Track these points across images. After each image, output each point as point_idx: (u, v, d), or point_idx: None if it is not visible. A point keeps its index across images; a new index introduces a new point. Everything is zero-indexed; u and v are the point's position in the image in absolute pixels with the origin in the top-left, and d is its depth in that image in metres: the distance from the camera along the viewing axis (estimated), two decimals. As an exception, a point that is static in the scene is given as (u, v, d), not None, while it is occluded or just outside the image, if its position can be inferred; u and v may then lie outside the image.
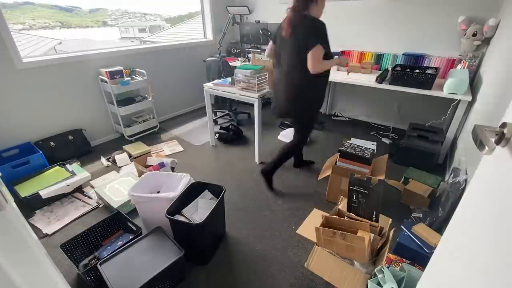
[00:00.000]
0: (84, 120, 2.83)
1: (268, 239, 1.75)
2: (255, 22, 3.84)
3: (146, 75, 2.98)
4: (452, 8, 2.53)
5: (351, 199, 1.50)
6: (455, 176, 1.68)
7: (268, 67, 2.38)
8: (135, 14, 12.76)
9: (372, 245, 1.32)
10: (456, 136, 2.42)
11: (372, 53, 3.11)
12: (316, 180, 2.24)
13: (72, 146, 2.66)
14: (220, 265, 1.58)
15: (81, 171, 2.29)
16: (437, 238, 1.48)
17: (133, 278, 1.26)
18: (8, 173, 2.08)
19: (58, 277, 0.86)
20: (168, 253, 1.41)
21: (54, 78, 2.52)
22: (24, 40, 5.35)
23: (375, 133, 3.20)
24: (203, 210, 1.59)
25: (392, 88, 2.53)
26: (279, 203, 2.07)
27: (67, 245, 1.47)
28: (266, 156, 2.70)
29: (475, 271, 0.53)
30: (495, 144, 0.49)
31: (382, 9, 2.93)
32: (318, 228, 1.35)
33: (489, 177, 0.58)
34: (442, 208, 1.67)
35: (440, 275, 0.72)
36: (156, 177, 1.82)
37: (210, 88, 2.60)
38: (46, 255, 0.81)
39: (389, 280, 1.13)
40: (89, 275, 1.35)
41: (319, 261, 1.35)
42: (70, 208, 2.03)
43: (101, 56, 2.81)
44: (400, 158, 2.50)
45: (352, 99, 3.55)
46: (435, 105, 2.88)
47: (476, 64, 2.46)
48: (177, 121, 3.66)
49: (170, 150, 2.88)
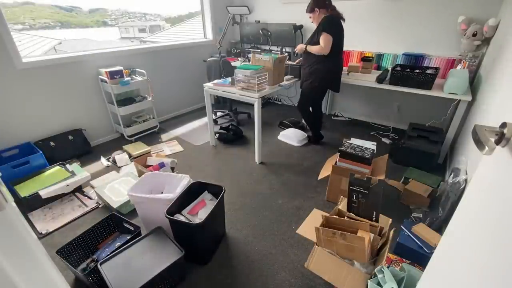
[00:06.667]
0: (84, 120, 2.83)
1: (268, 239, 1.75)
2: (255, 22, 3.84)
3: (146, 75, 2.98)
4: (452, 8, 2.54)
5: (351, 199, 1.50)
6: (455, 176, 1.68)
7: (268, 67, 2.38)
8: (135, 14, 12.74)
9: (372, 245, 1.32)
10: (456, 136, 2.42)
11: (372, 53, 3.11)
12: (316, 180, 2.24)
13: (72, 146, 2.66)
14: (220, 265, 1.58)
15: (81, 171, 2.29)
16: (437, 238, 1.48)
17: (133, 279, 1.26)
18: (8, 173, 2.08)
19: (58, 277, 0.86)
20: (168, 253, 1.41)
21: (54, 78, 2.52)
22: (24, 40, 5.34)
23: (375, 133, 3.20)
24: (203, 210, 1.59)
25: (392, 88, 2.53)
26: (279, 203, 2.07)
27: (63, 250, 1.45)
28: (266, 156, 2.70)
29: (475, 271, 0.53)
30: (495, 144, 0.49)
31: (382, 9, 2.94)
32: (318, 228, 1.35)
33: (489, 177, 0.58)
34: (442, 208, 1.67)
35: (440, 275, 0.72)
36: (156, 177, 1.82)
37: (210, 88, 2.60)
38: (46, 255, 0.81)
39: (389, 280, 1.13)
40: (90, 276, 1.35)
41: (319, 261, 1.35)
42: (69, 208, 2.03)
43: (101, 56, 2.81)
44: (400, 158, 2.50)
45: (352, 99, 3.55)
46: (435, 105, 2.88)
47: (476, 64, 2.46)
48: (177, 121, 3.66)
49: (170, 150, 2.88)
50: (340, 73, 2.59)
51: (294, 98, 4.11)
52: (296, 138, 2.93)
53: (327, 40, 2.30)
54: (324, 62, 2.44)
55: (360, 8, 3.07)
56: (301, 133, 3.00)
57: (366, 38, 3.14)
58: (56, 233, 1.82)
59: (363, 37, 3.16)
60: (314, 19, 2.42)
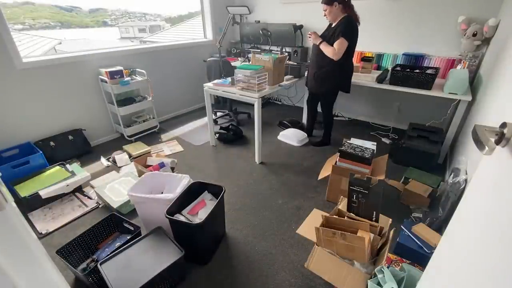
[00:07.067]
0: (84, 120, 2.83)
1: (268, 239, 1.75)
2: (255, 22, 3.84)
3: (146, 75, 2.98)
4: (452, 8, 2.54)
5: (351, 199, 1.50)
6: (455, 176, 1.68)
7: (268, 67, 2.38)
8: (135, 14, 12.75)
9: (372, 245, 1.32)
10: (456, 136, 2.42)
11: (372, 53, 3.11)
12: (316, 180, 2.24)
13: (72, 146, 2.66)
14: (220, 265, 1.58)
15: (81, 171, 2.29)
16: (437, 238, 1.48)
17: (133, 278, 1.26)
18: (8, 173, 2.08)
19: (58, 277, 0.86)
20: (168, 253, 1.41)
21: (54, 78, 2.52)
22: (24, 40, 5.34)
23: (375, 133, 3.20)
24: (202, 210, 1.59)
25: (392, 88, 2.53)
26: (279, 203, 2.07)
27: (63, 250, 1.45)
28: (266, 156, 2.70)
29: (475, 271, 0.53)
30: (495, 144, 0.49)
31: (382, 9, 2.94)
32: (318, 228, 1.35)
33: (489, 177, 0.58)
34: (442, 208, 1.67)
35: (440, 275, 0.72)
36: (156, 177, 1.82)
37: (210, 88, 2.60)
38: (46, 255, 0.81)
39: (389, 280, 1.13)
40: (90, 276, 1.35)
41: (319, 261, 1.35)
42: (69, 208, 2.03)
43: (101, 56, 2.81)
44: (400, 158, 2.50)
45: (352, 99, 3.54)
46: (435, 105, 2.88)
47: (476, 64, 2.46)
48: (177, 121, 3.66)
49: (170, 150, 2.88)
50: (351, 75, 2.57)
51: (294, 98, 4.11)
52: (296, 138, 2.93)
53: (343, 46, 2.21)
54: (341, 65, 2.37)
55: (360, 8, 3.04)
56: (301, 133, 3.00)
57: (366, 38, 3.13)
58: (56, 233, 1.82)
59: (363, 37, 3.13)
60: (330, 14, 2.25)
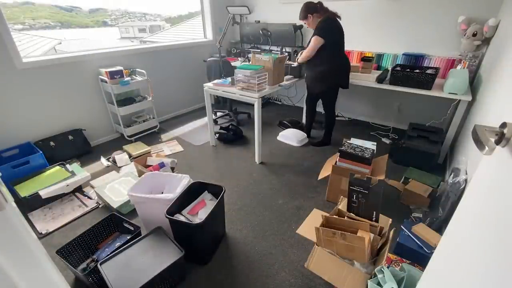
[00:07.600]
0: (84, 120, 2.83)
1: (268, 239, 1.75)
2: (255, 22, 3.84)
3: (146, 75, 2.98)
4: (452, 8, 2.53)
5: (351, 199, 1.50)
6: (455, 176, 1.68)
7: (268, 67, 2.38)
8: (135, 14, 12.75)
9: (372, 245, 1.32)
10: (456, 136, 2.42)
11: (372, 53, 3.11)
12: (316, 180, 2.24)
13: (72, 146, 2.66)
14: (220, 265, 1.58)
15: (81, 171, 2.29)
16: (437, 238, 1.48)
17: (133, 278, 1.26)
18: (8, 173, 2.08)
19: (58, 277, 0.86)
20: (168, 253, 1.41)
21: (54, 78, 2.52)
22: (24, 40, 5.34)
23: (375, 133, 3.20)
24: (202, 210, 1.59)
25: (392, 88, 2.53)
26: (279, 203, 2.07)
27: (63, 250, 1.45)
28: (266, 156, 2.70)
29: (475, 271, 0.53)
30: (495, 144, 0.49)
31: (382, 9, 2.93)
32: (318, 228, 1.35)
33: (489, 177, 0.58)
34: (442, 208, 1.67)
35: (440, 275, 0.72)
36: (156, 177, 1.82)
37: (210, 88, 2.60)
38: (46, 255, 0.81)
39: (389, 280, 1.13)
40: (90, 276, 1.35)
41: (319, 261, 1.35)
42: (69, 208, 2.03)
43: (101, 56, 2.81)
44: (400, 158, 2.50)
45: (352, 99, 3.54)
46: (435, 105, 2.88)
47: (476, 64, 2.46)
48: (177, 121, 3.66)
49: (170, 150, 2.88)
50: (346, 70, 2.54)
51: (294, 98, 4.11)
52: (296, 138, 2.93)
53: (315, 43, 2.32)
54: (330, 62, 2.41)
55: (360, 8, 3.07)
56: (300, 133, 3.00)
57: (366, 38, 3.14)
58: (56, 233, 1.82)
59: (363, 37, 3.16)
60: (310, 25, 2.43)
